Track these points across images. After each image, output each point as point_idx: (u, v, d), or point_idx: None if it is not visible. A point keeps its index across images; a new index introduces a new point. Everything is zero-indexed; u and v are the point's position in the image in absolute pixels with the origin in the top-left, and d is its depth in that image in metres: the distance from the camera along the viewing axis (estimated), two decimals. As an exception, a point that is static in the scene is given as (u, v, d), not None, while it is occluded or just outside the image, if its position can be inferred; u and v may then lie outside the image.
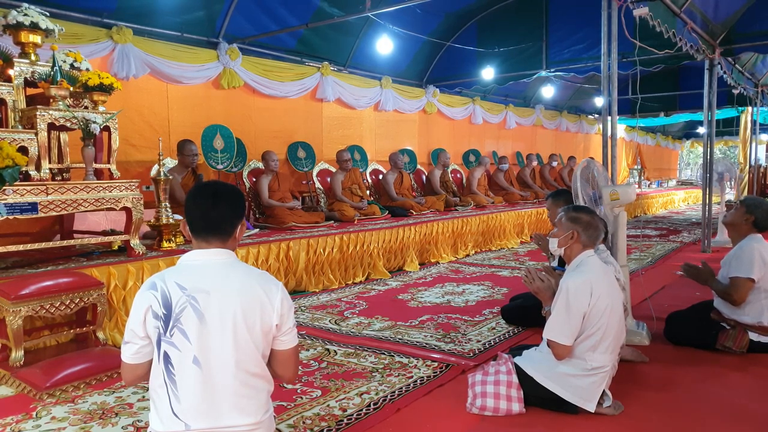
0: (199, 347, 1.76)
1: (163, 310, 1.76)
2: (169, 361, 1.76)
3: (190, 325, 1.76)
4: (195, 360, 1.75)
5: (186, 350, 1.75)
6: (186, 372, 1.75)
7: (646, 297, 4.36)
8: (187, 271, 1.84)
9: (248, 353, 1.80)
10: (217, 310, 1.77)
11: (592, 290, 2.60)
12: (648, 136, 19.76)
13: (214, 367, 1.77)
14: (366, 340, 3.85)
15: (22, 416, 2.76)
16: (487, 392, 2.69)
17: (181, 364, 1.76)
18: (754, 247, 3.47)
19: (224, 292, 1.80)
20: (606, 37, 4.23)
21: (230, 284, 1.82)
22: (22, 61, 3.95)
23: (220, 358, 1.77)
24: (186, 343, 1.75)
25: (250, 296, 1.81)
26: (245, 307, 1.79)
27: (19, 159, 3.51)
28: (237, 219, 1.92)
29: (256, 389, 1.84)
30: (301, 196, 7.36)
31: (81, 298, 3.45)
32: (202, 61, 6.55)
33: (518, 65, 9.31)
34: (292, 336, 1.92)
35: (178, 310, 1.76)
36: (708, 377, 3.17)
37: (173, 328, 1.76)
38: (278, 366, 1.93)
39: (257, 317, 1.81)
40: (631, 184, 3.74)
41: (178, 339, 1.75)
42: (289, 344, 1.91)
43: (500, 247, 8.23)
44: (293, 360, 1.95)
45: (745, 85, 9.40)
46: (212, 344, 1.76)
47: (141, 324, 1.78)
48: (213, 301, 1.78)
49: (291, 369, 1.96)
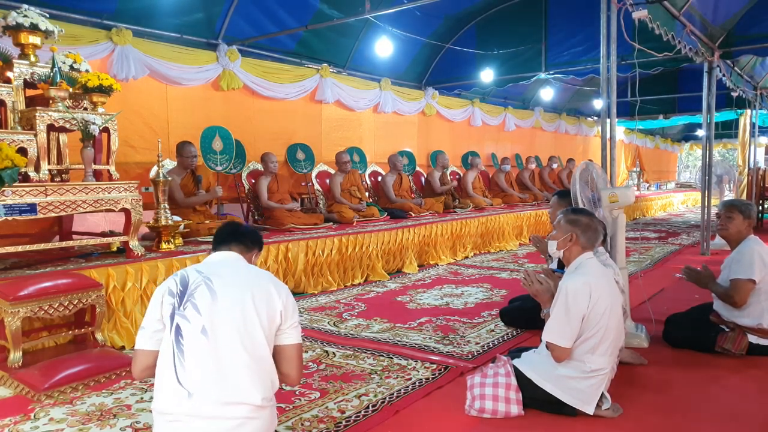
0: (209, 320, 1.91)
1: (179, 287, 1.97)
2: (180, 333, 1.91)
3: (202, 300, 1.94)
4: (203, 330, 1.90)
5: (196, 321, 1.91)
6: (194, 341, 1.90)
7: (645, 299, 4.36)
8: (207, 263, 2.12)
9: (254, 334, 1.94)
10: (229, 291, 1.97)
11: (591, 292, 2.60)
12: (647, 139, 19.77)
13: (221, 340, 1.90)
14: (365, 341, 3.85)
15: (20, 417, 2.76)
16: (486, 394, 2.69)
17: (189, 334, 1.90)
18: (754, 249, 3.48)
19: (237, 279, 2.02)
20: (605, 40, 4.24)
21: (243, 275, 2.06)
22: (21, 63, 3.95)
23: (227, 332, 1.91)
24: (196, 315, 1.91)
25: (260, 286, 2.02)
26: (255, 294, 1.98)
27: (18, 160, 3.51)
28: (256, 245, 2.27)
29: (259, 371, 1.94)
30: (300, 197, 7.35)
31: (80, 299, 3.45)
32: (201, 62, 6.56)
33: (517, 67, 9.30)
34: (297, 332, 2.08)
35: (193, 287, 1.96)
36: (707, 380, 3.17)
37: (186, 302, 1.94)
38: (284, 363, 2.05)
39: (265, 304, 1.98)
40: (630, 187, 3.75)
41: (189, 312, 1.92)
42: (294, 339, 2.07)
43: (499, 249, 8.23)
44: (297, 357, 2.09)
45: (744, 88, 9.41)
46: (221, 319, 1.92)
47: (158, 305, 1.96)
48: (226, 284, 1.98)
49: (296, 367, 2.08)
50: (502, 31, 9.31)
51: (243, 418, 1.89)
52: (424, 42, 9.24)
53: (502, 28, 9.32)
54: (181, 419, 1.87)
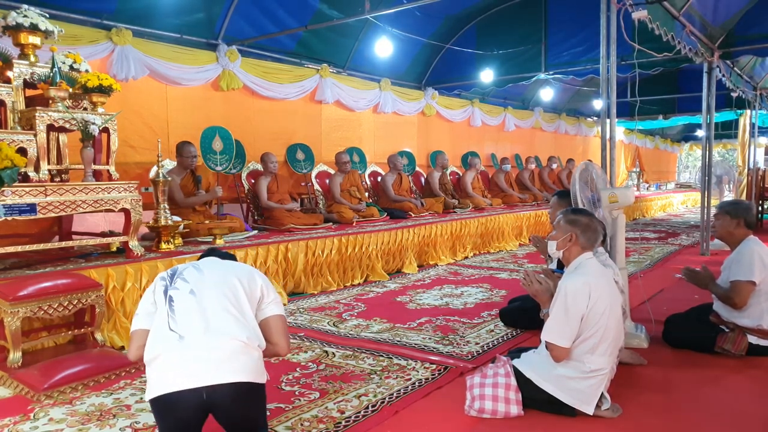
0: (196, 284, 2.23)
1: (169, 273, 2.30)
2: (172, 299, 2.19)
3: (190, 274, 2.28)
4: (191, 291, 2.21)
5: (184, 288, 2.22)
6: (183, 300, 2.18)
7: (645, 300, 4.36)
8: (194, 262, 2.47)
9: (238, 294, 2.24)
10: (213, 268, 2.34)
11: (590, 292, 2.60)
12: (647, 139, 19.77)
13: (208, 296, 2.20)
14: (364, 342, 3.85)
15: (19, 417, 2.76)
16: (486, 395, 2.69)
17: (179, 296, 2.19)
18: (754, 250, 3.47)
19: (221, 265, 2.41)
20: (605, 40, 4.24)
21: (225, 263, 2.44)
22: (21, 63, 3.96)
23: (213, 291, 2.22)
24: (185, 283, 2.24)
25: (241, 268, 2.42)
26: (237, 272, 2.34)
27: (18, 160, 3.51)
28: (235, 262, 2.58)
29: (245, 321, 2.19)
30: (300, 197, 7.35)
31: (79, 299, 3.45)
32: (201, 62, 6.56)
33: (517, 68, 9.30)
34: (278, 306, 2.37)
35: (182, 269, 2.32)
36: (706, 380, 3.17)
37: (177, 279, 2.26)
38: (272, 334, 2.30)
39: (246, 278, 2.32)
40: (629, 187, 3.75)
41: (179, 283, 2.24)
42: (277, 311, 2.35)
43: (499, 249, 8.23)
44: (283, 327, 2.36)
45: (743, 88, 9.41)
46: (207, 283, 2.25)
47: (151, 292, 2.26)
48: (211, 264, 2.38)
49: (283, 335, 2.34)
50: (502, 31, 9.31)
51: (232, 351, 2.09)
52: (424, 42, 9.24)
53: (502, 29, 9.32)
54: (174, 355, 2.07)
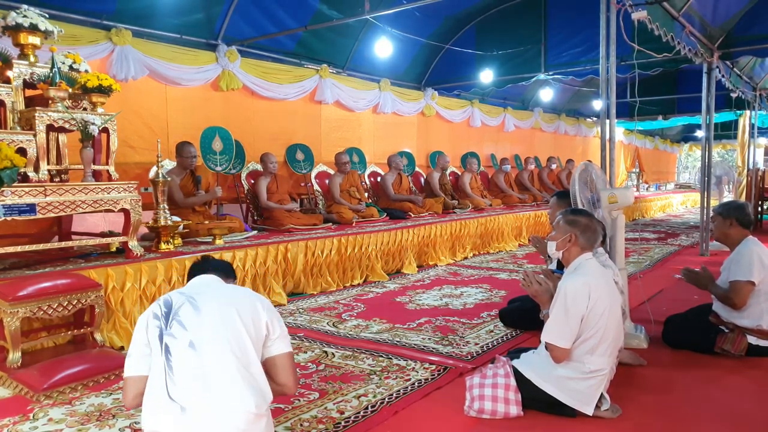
0: (196, 333, 1.89)
1: (164, 309, 1.95)
2: (169, 351, 1.87)
3: (187, 316, 1.92)
4: (191, 344, 1.88)
5: (182, 337, 1.88)
6: (182, 356, 1.86)
7: (645, 300, 4.36)
8: (188, 286, 2.15)
9: (242, 341, 1.92)
10: (212, 305, 1.97)
11: (590, 293, 2.60)
12: (646, 140, 19.78)
13: (210, 351, 1.87)
14: (364, 342, 3.85)
15: (19, 418, 2.76)
16: (485, 395, 2.69)
17: (178, 350, 1.87)
18: (753, 250, 3.47)
19: (220, 294, 2.05)
20: (604, 41, 4.24)
21: (225, 291, 2.10)
22: (21, 63, 3.95)
23: (215, 343, 1.89)
24: (183, 330, 1.89)
25: (243, 300, 2.03)
26: (238, 306, 1.98)
27: (17, 160, 3.51)
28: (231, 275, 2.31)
29: (251, 379, 1.90)
30: (300, 198, 7.35)
31: (79, 299, 3.44)
32: (201, 63, 6.56)
33: (517, 68, 9.30)
34: (285, 342, 2.06)
35: (177, 307, 1.95)
36: (706, 380, 3.17)
37: (172, 321, 1.92)
38: (278, 373, 2.03)
39: (249, 315, 1.98)
40: (629, 188, 3.75)
41: (176, 329, 1.90)
42: (284, 349, 2.05)
43: (498, 249, 8.23)
44: (290, 365, 2.06)
45: (743, 89, 9.41)
46: (207, 331, 1.90)
47: (144, 330, 1.93)
48: (209, 299, 2.00)
49: (291, 375, 2.05)
50: (502, 31, 9.31)
51: (240, 429, 1.83)
52: (423, 43, 9.24)
53: (502, 29, 9.32)
54: None
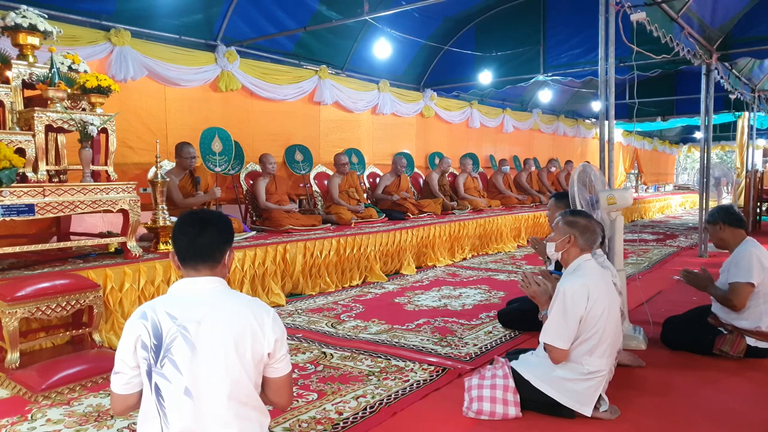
0: (191, 378, 1.73)
1: (153, 341, 1.74)
2: (160, 393, 1.74)
3: (181, 355, 1.73)
4: (186, 391, 1.73)
5: (177, 382, 1.73)
6: (177, 403, 1.73)
7: (643, 301, 4.36)
8: (177, 301, 1.82)
9: (240, 384, 1.78)
10: (208, 339, 1.75)
11: (589, 294, 2.60)
12: (645, 141, 19.80)
13: (205, 399, 1.74)
14: (362, 343, 3.85)
15: (17, 418, 2.75)
16: (484, 396, 2.69)
17: (172, 396, 1.73)
18: (752, 252, 3.47)
19: (215, 321, 1.77)
20: (603, 42, 4.25)
21: (221, 314, 1.79)
22: (20, 63, 3.95)
23: (211, 390, 1.74)
24: (177, 374, 1.73)
25: (242, 325, 1.79)
26: (237, 336, 1.77)
27: (16, 160, 3.51)
28: (225, 245, 1.90)
29: (249, 420, 1.81)
30: (299, 198, 7.35)
31: (77, 300, 3.44)
32: (200, 63, 6.56)
33: (516, 69, 9.32)
34: (285, 363, 1.90)
35: (169, 341, 1.74)
36: (705, 382, 3.17)
37: (164, 359, 1.73)
38: (272, 393, 1.92)
39: (248, 346, 1.78)
40: (628, 189, 3.75)
41: (168, 370, 1.73)
42: (283, 371, 1.89)
43: (497, 250, 8.23)
44: (287, 387, 1.94)
45: (741, 90, 9.43)
46: (203, 375, 1.74)
47: (131, 354, 1.77)
48: (204, 331, 1.75)
49: (285, 396, 1.95)
50: (501, 32, 9.32)
51: None
52: (422, 44, 9.25)
53: (501, 30, 9.34)
54: None
